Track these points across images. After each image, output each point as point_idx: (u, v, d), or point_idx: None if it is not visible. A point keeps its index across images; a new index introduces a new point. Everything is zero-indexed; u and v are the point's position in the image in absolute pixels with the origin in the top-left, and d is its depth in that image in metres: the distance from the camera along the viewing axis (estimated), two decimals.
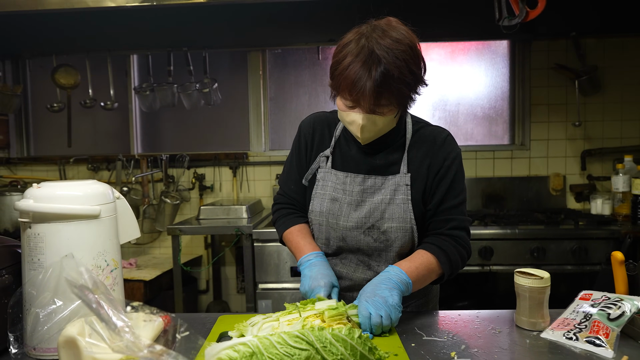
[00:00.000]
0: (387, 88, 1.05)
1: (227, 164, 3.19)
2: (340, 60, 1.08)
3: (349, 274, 1.25)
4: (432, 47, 3.14)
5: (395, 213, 1.18)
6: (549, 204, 3.00)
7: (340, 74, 1.07)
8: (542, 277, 1.03)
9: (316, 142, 1.29)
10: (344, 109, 1.12)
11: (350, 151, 1.24)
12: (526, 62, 3.03)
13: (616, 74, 2.96)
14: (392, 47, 1.05)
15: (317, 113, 1.34)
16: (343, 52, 1.08)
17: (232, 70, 3.27)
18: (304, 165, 1.29)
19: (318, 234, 1.26)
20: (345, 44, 1.09)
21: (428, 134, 1.24)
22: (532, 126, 3.05)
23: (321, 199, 1.23)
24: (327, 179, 1.24)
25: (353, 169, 1.23)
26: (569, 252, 2.33)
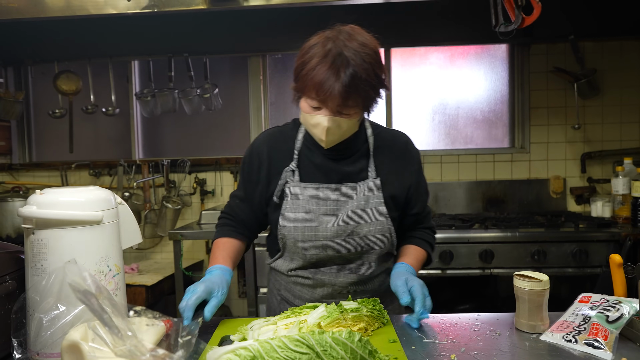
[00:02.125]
0: (354, 90, 1.06)
1: (228, 169, 3.20)
2: (307, 61, 1.08)
3: (331, 280, 1.25)
4: (432, 51, 3.16)
5: (372, 217, 1.22)
6: (550, 207, 3.00)
7: (306, 75, 1.07)
8: (541, 280, 1.04)
9: (272, 159, 1.26)
10: (308, 110, 1.13)
11: (316, 160, 1.24)
12: (525, 66, 3.04)
13: (615, 76, 2.98)
14: (359, 50, 1.07)
15: (269, 130, 1.34)
16: (309, 53, 1.09)
17: (232, 76, 3.29)
18: (253, 183, 1.28)
19: (293, 249, 1.24)
20: (310, 46, 1.10)
21: (390, 137, 1.30)
22: (532, 129, 3.06)
23: (294, 213, 1.21)
24: (297, 193, 1.22)
25: (323, 179, 1.23)
26: (569, 255, 2.33)
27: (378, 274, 1.28)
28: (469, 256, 2.37)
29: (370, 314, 1.06)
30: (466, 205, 3.04)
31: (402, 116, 3.17)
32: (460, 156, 3.09)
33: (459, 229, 2.45)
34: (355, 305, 1.04)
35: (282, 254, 1.29)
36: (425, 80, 3.16)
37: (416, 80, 3.16)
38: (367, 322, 1.05)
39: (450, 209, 3.02)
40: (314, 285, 1.27)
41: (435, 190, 3.04)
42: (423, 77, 3.16)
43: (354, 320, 1.02)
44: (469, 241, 2.36)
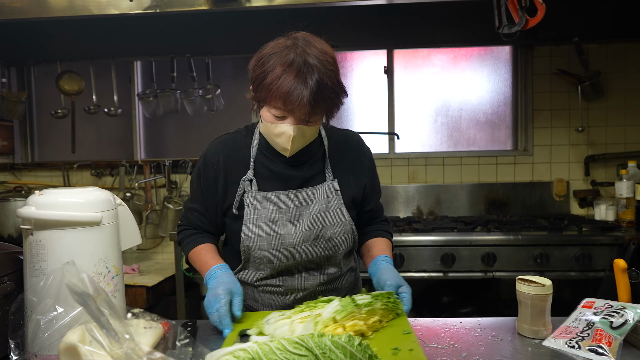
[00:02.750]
0: (322, 97, 1.06)
1: None
2: (268, 70, 1.05)
3: (302, 285, 1.24)
4: (435, 53, 3.15)
5: (335, 219, 1.23)
6: (553, 210, 2.98)
7: (271, 84, 1.04)
8: (544, 285, 1.02)
9: (228, 168, 1.23)
10: (272, 120, 1.10)
11: (274, 168, 1.22)
12: (529, 68, 3.03)
13: (619, 79, 2.96)
14: (321, 58, 1.06)
15: (221, 138, 1.28)
16: (270, 62, 1.06)
17: (234, 76, 3.29)
18: (211, 194, 1.24)
19: (259, 259, 1.21)
20: (269, 54, 1.07)
21: (342, 138, 1.30)
22: (535, 132, 3.04)
23: (257, 223, 1.19)
24: (257, 202, 1.20)
25: (282, 186, 1.22)
26: (572, 259, 2.31)
27: (345, 272, 1.30)
28: (471, 259, 2.35)
29: (384, 307, 1.06)
30: (468, 207, 3.02)
31: (405, 118, 3.16)
32: (462, 158, 3.08)
33: (461, 232, 2.43)
34: (369, 300, 1.04)
35: (246, 265, 1.26)
36: (428, 82, 3.14)
37: (419, 82, 3.15)
38: (382, 315, 1.05)
39: (452, 212, 3.00)
40: (284, 292, 1.25)
41: (437, 193, 3.03)
42: (426, 79, 3.15)
43: (368, 314, 1.02)
44: (471, 244, 2.35)
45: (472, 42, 3.07)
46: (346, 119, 3.22)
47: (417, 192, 3.06)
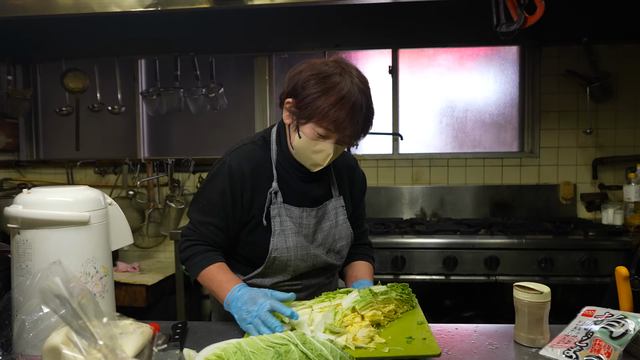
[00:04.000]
0: (370, 122, 1.17)
1: None
2: (321, 95, 1.10)
3: (317, 282, 1.33)
4: (440, 53, 3.11)
5: (342, 233, 1.32)
6: (559, 214, 2.93)
7: (327, 110, 1.09)
8: (542, 292, 0.99)
9: (255, 180, 1.22)
10: (315, 138, 1.14)
11: (291, 182, 1.25)
12: (536, 68, 2.97)
13: (629, 80, 2.89)
14: (365, 83, 1.16)
15: (242, 149, 1.25)
16: (323, 86, 1.10)
17: (238, 75, 3.27)
18: (237, 206, 1.21)
19: (283, 268, 1.24)
20: (319, 77, 1.12)
21: (342, 158, 1.35)
22: (542, 133, 2.99)
23: (284, 235, 1.22)
24: (282, 214, 1.23)
25: (305, 202, 1.26)
26: (577, 264, 2.26)
27: None
28: (473, 262, 2.32)
29: (399, 298, 1.12)
30: (473, 210, 2.98)
31: (409, 118, 3.12)
32: (467, 160, 3.03)
33: (464, 234, 2.40)
34: (385, 289, 1.10)
35: (264, 274, 1.25)
36: (433, 82, 3.10)
37: (424, 82, 3.11)
38: (397, 305, 1.11)
39: (456, 214, 2.96)
40: (302, 289, 1.31)
41: (441, 194, 2.99)
42: (431, 79, 3.11)
43: (384, 303, 1.07)
44: (474, 247, 2.31)
45: (478, 42, 3.02)
46: None
47: (421, 194, 3.02)
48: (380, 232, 2.45)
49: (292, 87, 1.15)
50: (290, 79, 1.17)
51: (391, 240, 2.37)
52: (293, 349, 0.78)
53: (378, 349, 0.93)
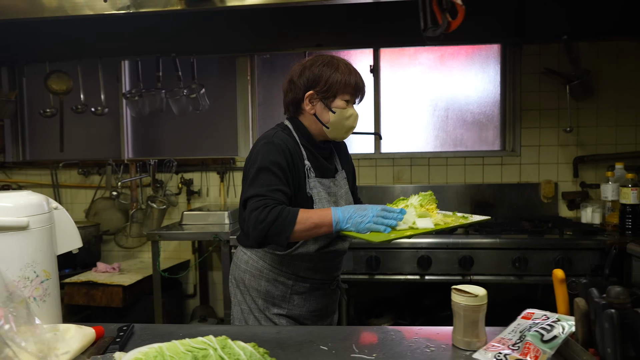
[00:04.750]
0: None
1: (215, 169, 3.19)
2: (335, 72, 1.41)
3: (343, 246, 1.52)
4: (422, 52, 3.10)
5: (349, 199, 1.58)
6: (540, 212, 2.92)
7: (346, 80, 1.41)
8: (477, 295, 0.99)
9: (294, 156, 1.42)
10: (344, 106, 1.43)
11: (316, 160, 1.49)
12: (517, 67, 2.96)
13: (611, 78, 2.88)
14: None
15: (278, 134, 1.43)
16: (332, 68, 1.41)
17: (221, 76, 3.28)
18: (290, 180, 1.39)
19: (324, 236, 1.43)
20: (327, 63, 1.42)
21: None
22: (523, 132, 2.98)
23: (322, 203, 1.44)
24: (317, 186, 1.45)
25: (327, 175, 1.51)
26: (552, 263, 2.25)
27: None
28: (448, 262, 2.32)
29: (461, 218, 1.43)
30: (454, 209, 2.91)
31: (391, 117, 3.12)
32: (448, 159, 3.03)
33: (439, 234, 2.39)
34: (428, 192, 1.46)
35: (307, 241, 1.43)
36: (415, 82, 3.10)
37: (405, 81, 3.11)
38: (452, 220, 1.39)
39: None
40: (334, 254, 1.49)
41: None
42: (412, 78, 3.10)
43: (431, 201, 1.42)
44: (447, 247, 2.31)
45: (459, 41, 3.01)
46: None
47: (401, 193, 3.02)
48: None
49: (307, 81, 1.41)
50: (298, 79, 1.43)
51: None
52: (211, 354, 0.79)
53: (451, 223, 1.36)
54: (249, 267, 1.48)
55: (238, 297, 1.53)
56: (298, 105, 1.46)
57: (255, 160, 1.37)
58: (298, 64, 1.47)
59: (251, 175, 1.36)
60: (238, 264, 1.52)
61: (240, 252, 1.53)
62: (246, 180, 1.39)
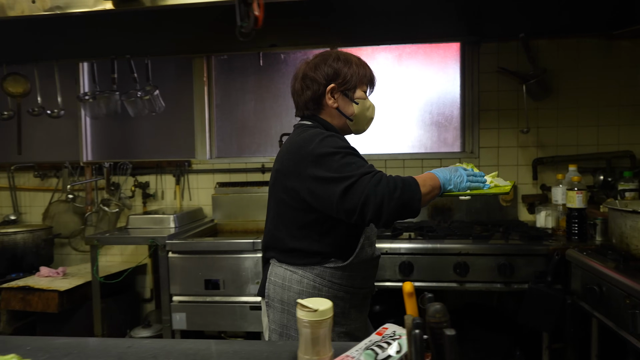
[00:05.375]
0: None
1: (170, 172, 3.15)
2: (351, 67, 1.43)
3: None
4: (379, 51, 3.03)
5: None
6: (499, 216, 2.83)
7: (363, 73, 1.44)
8: (316, 310, 0.92)
9: None
10: (364, 97, 1.46)
11: None
12: (475, 66, 2.87)
13: (571, 77, 2.78)
14: None
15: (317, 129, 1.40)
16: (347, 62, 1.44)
17: (178, 77, 3.24)
18: None
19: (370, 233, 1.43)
20: (338, 55, 1.45)
21: None
22: (482, 133, 2.89)
23: None
24: None
25: None
26: (495, 269, 2.17)
27: None
28: (389, 268, 2.24)
29: None
30: None
31: None
32: (405, 161, 2.95)
33: (381, 239, 2.32)
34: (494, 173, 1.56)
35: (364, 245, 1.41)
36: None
37: None
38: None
39: None
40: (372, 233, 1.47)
41: None
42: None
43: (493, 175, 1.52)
44: (387, 252, 2.24)
45: (416, 39, 2.93)
46: (287, 122, 3.13)
47: None
48: None
49: (326, 75, 1.41)
50: (315, 74, 1.41)
51: None
52: None
53: None
54: (304, 287, 1.36)
55: (284, 322, 1.38)
56: (319, 102, 1.43)
57: (327, 152, 1.26)
58: (305, 63, 1.46)
59: (336, 165, 1.24)
60: (288, 285, 1.38)
61: (288, 272, 1.38)
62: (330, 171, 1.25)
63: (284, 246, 1.39)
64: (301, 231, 1.36)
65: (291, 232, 1.37)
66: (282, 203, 1.37)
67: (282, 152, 1.42)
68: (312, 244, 1.35)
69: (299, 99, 1.46)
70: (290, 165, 1.33)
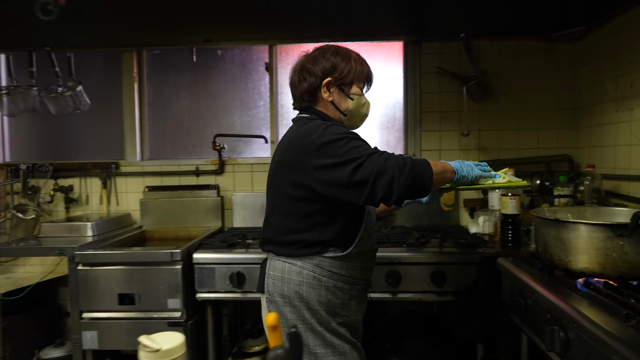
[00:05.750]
0: None
1: (96, 174, 2.92)
2: (350, 62, 1.44)
3: None
4: None
5: None
6: (441, 221, 2.75)
7: (360, 70, 1.45)
8: (159, 350, 0.77)
9: None
10: (360, 93, 1.46)
11: None
12: (417, 66, 2.79)
13: (512, 79, 2.73)
14: None
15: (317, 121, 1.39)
16: (344, 52, 1.47)
17: (106, 73, 3.01)
18: None
19: (371, 225, 1.46)
20: (336, 49, 1.48)
21: None
22: (424, 135, 2.80)
23: None
24: None
25: None
26: (428, 278, 2.07)
27: None
28: None
29: None
30: None
31: (288, 120, 2.91)
32: None
33: None
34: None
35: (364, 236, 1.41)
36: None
37: None
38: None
39: None
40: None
41: None
42: None
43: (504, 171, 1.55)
44: None
45: (359, 37, 2.82)
46: (224, 122, 2.96)
47: None
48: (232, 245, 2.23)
49: (323, 69, 1.41)
50: (313, 66, 1.42)
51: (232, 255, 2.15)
52: None
53: None
54: (304, 278, 1.37)
55: (288, 316, 1.38)
56: (314, 94, 1.44)
57: (334, 139, 1.26)
58: (305, 55, 1.48)
59: (342, 150, 1.24)
60: (287, 277, 1.38)
61: (287, 264, 1.39)
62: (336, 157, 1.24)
63: (284, 238, 1.39)
64: (302, 222, 1.35)
65: (292, 223, 1.36)
66: (283, 194, 1.37)
67: (282, 144, 1.41)
68: (314, 235, 1.35)
69: (295, 90, 1.48)
70: (293, 157, 1.32)
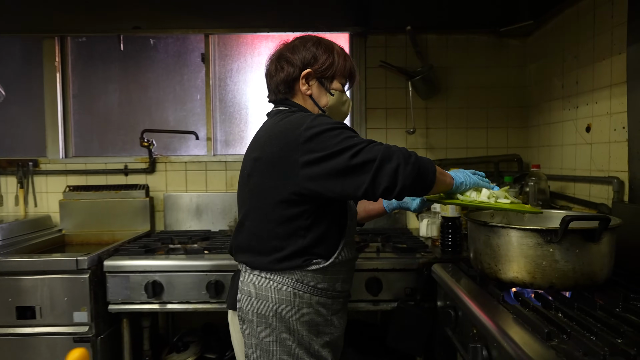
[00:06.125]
0: None
1: (12, 173, 2.65)
2: (334, 56, 1.35)
3: None
4: (261, 40, 2.72)
5: None
6: (387, 224, 2.61)
7: (344, 65, 1.36)
8: None
9: None
10: (341, 89, 1.37)
11: None
12: (362, 60, 2.64)
13: (461, 75, 2.61)
14: None
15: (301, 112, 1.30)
16: (326, 44, 1.37)
17: (24, 61, 2.74)
18: None
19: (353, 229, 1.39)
20: (318, 40, 1.38)
21: None
22: (369, 133, 2.66)
23: None
24: None
25: None
26: (362, 286, 1.91)
27: None
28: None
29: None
30: None
31: (225, 115, 2.71)
32: None
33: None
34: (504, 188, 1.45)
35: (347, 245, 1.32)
36: (253, 74, 2.71)
37: (242, 74, 2.71)
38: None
39: None
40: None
41: None
42: (250, 70, 2.71)
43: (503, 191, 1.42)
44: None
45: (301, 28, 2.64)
46: (157, 117, 2.73)
47: (234, 202, 2.61)
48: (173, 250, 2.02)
49: (303, 59, 1.32)
50: (292, 55, 1.32)
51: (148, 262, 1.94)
52: None
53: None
54: (284, 295, 1.24)
55: (262, 337, 1.26)
56: (291, 85, 1.33)
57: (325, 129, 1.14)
58: (283, 43, 1.39)
59: (335, 140, 1.12)
60: (264, 294, 1.25)
61: (264, 279, 1.25)
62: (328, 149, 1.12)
63: (262, 245, 1.25)
64: (283, 226, 1.22)
65: (271, 227, 1.23)
66: (261, 195, 1.23)
67: (260, 138, 1.28)
68: (295, 241, 1.22)
69: (270, 81, 1.36)
70: (276, 153, 1.19)
